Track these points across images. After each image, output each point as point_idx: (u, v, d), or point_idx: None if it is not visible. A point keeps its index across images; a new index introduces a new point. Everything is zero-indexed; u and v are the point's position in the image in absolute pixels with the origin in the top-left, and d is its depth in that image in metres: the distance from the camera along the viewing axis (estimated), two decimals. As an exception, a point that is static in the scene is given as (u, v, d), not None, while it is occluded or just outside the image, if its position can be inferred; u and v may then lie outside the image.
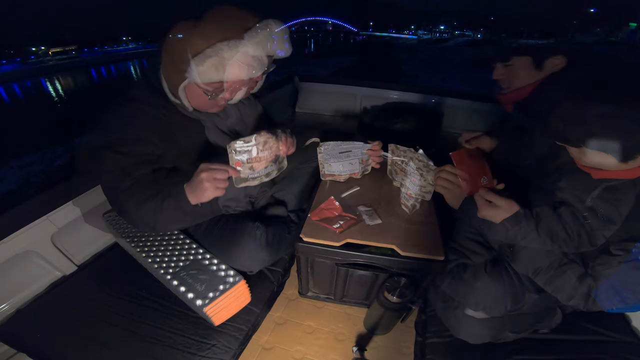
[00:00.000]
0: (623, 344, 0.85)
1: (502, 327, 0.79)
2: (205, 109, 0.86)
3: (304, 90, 2.61)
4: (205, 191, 0.73)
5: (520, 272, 0.81)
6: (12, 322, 0.90)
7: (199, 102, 0.83)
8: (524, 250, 0.73)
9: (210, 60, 0.70)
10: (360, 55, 45.84)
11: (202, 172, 0.73)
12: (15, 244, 0.96)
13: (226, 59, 0.71)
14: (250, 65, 0.74)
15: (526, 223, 0.71)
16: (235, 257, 0.94)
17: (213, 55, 0.70)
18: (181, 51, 0.71)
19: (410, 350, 0.93)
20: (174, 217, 0.79)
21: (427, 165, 0.87)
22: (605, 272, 0.66)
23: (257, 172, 0.82)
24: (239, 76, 0.75)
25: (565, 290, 0.70)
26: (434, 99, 2.35)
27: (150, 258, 0.94)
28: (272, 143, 0.82)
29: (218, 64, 0.71)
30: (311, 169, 1.23)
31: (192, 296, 0.83)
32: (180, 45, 0.72)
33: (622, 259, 0.64)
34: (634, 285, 0.64)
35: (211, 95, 0.79)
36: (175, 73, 0.76)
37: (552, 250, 0.71)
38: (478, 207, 0.78)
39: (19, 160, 10.42)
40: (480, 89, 2.86)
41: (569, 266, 0.70)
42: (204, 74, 0.72)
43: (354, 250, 0.84)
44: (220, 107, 0.87)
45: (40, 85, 37.36)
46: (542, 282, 0.74)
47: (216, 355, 0.82)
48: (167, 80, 0.81)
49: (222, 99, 0.84)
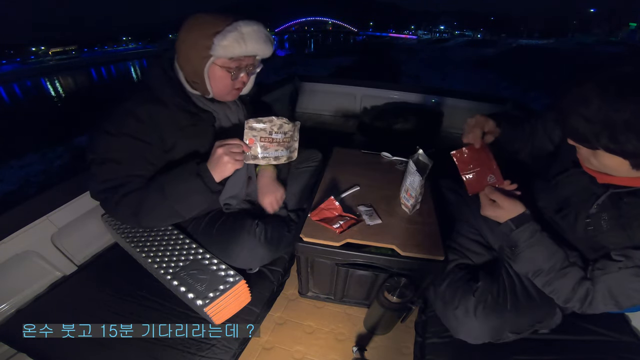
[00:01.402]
0: (623, 344, 0.85)
1: (502, 328, 0.79)
2: (224, 94, 0.89)
3: (304, 90, 2.61)
4: (226, 165, 0.79)
5: (519, 272, 0.81)
6: (12, 322, 0.90)
7: (219, 86, 0.86)
8: (527, 251, 0.73)
9: (232, 34, 0.77)
10: (360, 55, 45.87)
11: (219, 148, 0.79)
12: (15, 244, 0.96)
13: (244, 33, 0.78)
14: (264, 40, 0.82)
15: (532, 225, 0.71)
16: (235, 255, 0.94)
17: (233, 30, 0.77)
18: (203, 35, 0.77)
19: (410, 350, 0.93)
20: (201, 197, 0.82)
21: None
22: (604, 277, 0.65)
23: (267, 152, 0.88)
24: (256, 49, 0.82)
25: (564, 292, 0.70)
26: (434, 99, 2.35)
27: (150, 258, 0.94)
28: (287, 129, 0.89)
29: (239, 37, 0.78)
30: (311, 169, 1.23)
31: (193, 296, 0.83)
32: (202, 29, 0.78)
33: (623, 265, 0.63)
34: (631, 291, 0.63)
35: (233, 74, 0.84)
36: (198, 56, 0.79)
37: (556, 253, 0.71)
38: (481, 206, 0.77)
39: (19, 160, 10.43)
40: (480, 89, 2.86)
41: (570, 269, 0.69)
42: (229, 48, 0.77)
43: (354, 250, 0.84)
44: (236, 93, 0.92)
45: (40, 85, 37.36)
46: (541, 283, 0.73)
47: (216, 355, 0.82)
48: (188, 69, 0.83)
49: (239, 82, 0.88)
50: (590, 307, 0.67)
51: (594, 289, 0.66)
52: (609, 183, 0.65)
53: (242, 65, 0.85)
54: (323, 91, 2.60)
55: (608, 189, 0.66)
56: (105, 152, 0.79)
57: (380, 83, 2.50)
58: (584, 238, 0.71)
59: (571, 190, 0.76)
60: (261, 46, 0.83)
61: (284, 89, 2.47)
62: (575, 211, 0.73)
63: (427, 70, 29.88)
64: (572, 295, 0.68)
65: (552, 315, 0.82)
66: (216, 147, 0.80)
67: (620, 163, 0.58)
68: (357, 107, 2.55)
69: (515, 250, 0.75)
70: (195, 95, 0.89)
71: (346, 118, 2.59)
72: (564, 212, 0.76)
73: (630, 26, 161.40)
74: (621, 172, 0.60)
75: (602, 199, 0.67)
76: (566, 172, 0.77)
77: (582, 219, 0.70)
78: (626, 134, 0.52)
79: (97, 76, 46.62)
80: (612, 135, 0.53)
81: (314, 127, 2.47)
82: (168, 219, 0.87)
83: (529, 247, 0.72)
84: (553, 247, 0.71)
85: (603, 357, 0.82)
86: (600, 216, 0.67)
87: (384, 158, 1.25)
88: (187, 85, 0.88)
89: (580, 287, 0.67)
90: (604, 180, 0.66)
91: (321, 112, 2.67)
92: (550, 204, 0.81)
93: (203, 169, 0.80)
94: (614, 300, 0.64)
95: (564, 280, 0.69)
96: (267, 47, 0.84)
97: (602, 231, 0.67)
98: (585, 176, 0.71)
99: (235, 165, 0.80)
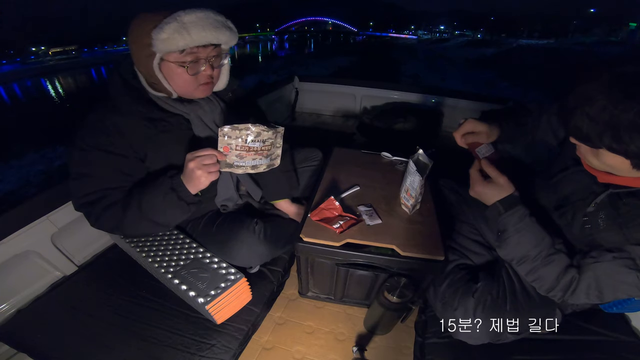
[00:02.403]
0: (623, 344, 0.85)
1: (501, 328, 0.79)
2: (189, 91, 0.81)
3: (304, 90, 2.61)
4: (200, 179, 0.74)
5: (504, 258, 0.78)
6: (12, 322, 0.90)
7: (180, 83, 0.79)
8: (515, 236, 0.71)
9: (170, 26, 0.69)
10: (360, 55, 45.86)
11: (190, 162, 0.73)
12: (15, 244, 0.96)
13: (186, 22, 0.70)
14: (214, 27, 0.73)
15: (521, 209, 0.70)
16: (234, 253, 0.94)
17: (172, 21, 0.69)
18: (141, 31, 0.71)
19: (410, 350, 0.93)
20: (178, 210, 0.79)
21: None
22: (594, 266, 0.64)
23: (243, 162, 0.79)
24: (205, 38, 0.73)
25: (548, 281, 0.68)
26: (434, 99, 2.35)
27: (150, 258, 0.94)
28: (266, 136, 0.79)
29: (179, 28, 0.70)
30: (311, 169, 1.23)
31: (194, 294, 0.83)
32: (140, 26, 0.72)
33: (617, 255, 0.62)
34: (619, 283, 0.62)
35: (188, 68, 0.76)
36: (144, 55, 0.74)
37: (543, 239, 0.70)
38: (471, 183, 0.76)
39: (19, 160, 10.43)
40: (480, 89, 2.86)
41: (555, 256, 0.68)
42: (168, 42, 0.70)
43: (354, 250, 0.84)
44: (204, 88, 0.83)
45: (40, 85, 37.35)
46: (525, 271, 0.72)
47: (216, 355, 0.82)
48: (141, 69, 0.78)
49: (203, 76, 0.80)
50: (572, 297, 0.66)
51: (580, 277, 0.65)
52: (609, 182, 0.65)
53: (199, 58, 0.77)
54: (323, 91, 2.60)
55: (608, 189, 0.66)
56: (79, 166, 0.78)
57: (380, 83, 2.50)
58: (581, 236, 0.71)
59: (571, 188, 0.75)
60: (213, 33, 0.73)
61: (283, 89, 2.47)
62: (574, 209, 0.73)
63: (427, 70, 29.90)
64: (555, 283, 0.67)
65: (552, 316, 0.82)
66: (187, 160, 0.74)
67: (621, 162, 0.57)
68: (356, 107, 2.55)
69: (503, 235, 0.73)
70: (161, 99, 0.82)
71: (346, 118, 2.60)
72: (563, 210, 0.76)
73: (630, 26, 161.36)
74: (622, 171, 0.60)
75: (600, 197, 0.66)
76: (567, 170, 0.77)
77: (580, 217, 0.70)
78: (630, 134, 0.51)
79: (97, 76, 46.59)
80: (616, 135, 0.53)
81: (314, 127, 2.47)
82: (151, 230, 0.85)
83: (517, 232, 0.71)
84: (541, 233, 0.70)
85: (603, 357, 0.82)
86: (597, 215, 0.66)
87: (384, 158, 1.25)
88: (149, 89, 0.81)
89: (566, 275, 0.66)
90: (604, 180, 0.65)
91: (321, 112, 2.67)
92: (549, 202, 0.81)
93: (177, 182, 0.76)
94: (598, 292, 0.64)
95: (549, 268, 0.68)
96: (223, 33, 0.75)
97: (599, 230, 0.66)
98: (586, 175, 0.70)
99: (210, 177, 0.75)
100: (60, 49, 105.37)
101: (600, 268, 0.63)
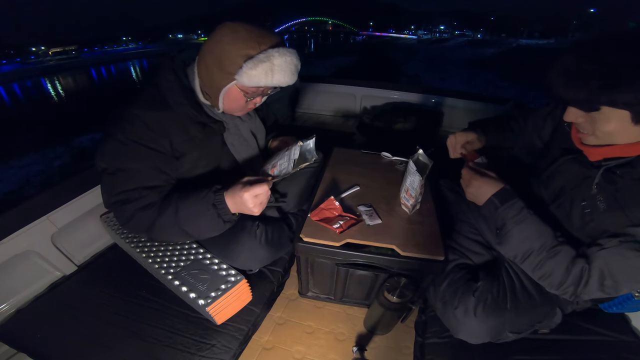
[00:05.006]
0: (623, 344, 0.85)
1: (502, 328, 0.79)
2: (234, 111, 0.88)
3: (304, 90, 2.61)
4: (252, 210, 0.75)
5: (507, 256, 0.77)
6: (12, 322, 0.90)
7: (232, 105, 0.84)
8: (515, 230, 0.69)
9: (263, 65, 0.73)
10: (360, 55, 45.87)
11: (246, 194, 0.73)
12: (15, 244, 0.96)
13: (275, 65, 0.74)
14: (292, 73, 0.78)
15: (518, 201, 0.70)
16: (235, 256, 0.94)
17: (265, 60, 0.73)
18: (232, 54, 0.73)
19: (410, 350, 0.93)
20: (214, 225, 0.79)
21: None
22: (602, 253, 0.60)
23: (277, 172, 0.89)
24: (282, 82, 0.78)
25: (557, 274, 0.65)
26: (434, 99, 2.35)
27: (150, 258, 0.94)
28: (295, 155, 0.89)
29: (268, 69, 0.74)
30: (311, 169, 1.23)
31: (195, 295, 0.84)
32: (232, 48, 0.73)
33: (623, 239, 0.59)
34: (630, 268, 0.58)
35: (249, 99, 0.82)
36: (221, 75, 0.76)
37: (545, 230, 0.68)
38: (465, 180, 0.79)
39: (19, 160, 10.43)
40: (480, 89, 2.86)
41: (561, 247, 0.65)
42: (254, 78, 0.74)
43: (354, 250, 0.84)
44: (246, 111, 0.90)
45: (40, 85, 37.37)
46: (532, 267, 0.69)
47: (216, 355, 0.82)
48: (206, 80, 0.80)
49: (252, 103, 0.86)
50: (585, 290, 0.63)
51: (590, 267, 0.62)
52: (601, 159, 0.65)
53: (260, 92, 0.83)
54: (323, 91, 2.60)
55: (600, 168, 0.65)
56: (116, 161, 0.76)
57: (380, 83, 2.49)
58: (581, 225, 0.69)
59: (563, 178, 0.75)
60: (287, 78, 0.78)
61: (283, 89, 2.46)
62: (571, 198, 0.72)
63: (427, 70, 29.91)
64: (566, 277, 0.64)
65: (552, 315, 0.82)
66: (242, 192, 0.73)
67: (620, 120, 0.57)
68: (357, 107, 2.55)
69: (502, 230, 0.71)
70: (207, 106, 0.87)
71: (346, 118, 2.59)
72: (559, 202, 0.75)
73: (630, 26, 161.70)
74: (620, 134, 0.59)
75: (597, 178, 0.65)
76: (556, 162, 0.78)
77: (578, 204, 0.69)
78: (628, 79, 0.52)
79: (97, 76, 46.62)
80: (615, 84, 0.53)
81: (314, 127, 2.47)
82: (179, 238, 0.85)
83: (516, 225, 0.69)
84: (541, 225, 0.68)
85: (603, 357, 0.82)
86: (596, 197, 0.65)
87: (384, 158, 1.25)
88: (200, 94, 0.84)
89: (575, 266, 0.63)
90: (597, 156, 0.65)
91: (321, 112, 2.67)
92: (545, 197, 0.81)
93: (219, 199, 0.76)
94: (612, 281, 0.60)
95: (556, 260, 0.65)
96: (293, 78, 0.80)
97: (599, 212, 0.64)
98: (576, 161, 0.70)
99: (261, 209, 0.76)
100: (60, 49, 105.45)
101: (609, 254, 0.60)
